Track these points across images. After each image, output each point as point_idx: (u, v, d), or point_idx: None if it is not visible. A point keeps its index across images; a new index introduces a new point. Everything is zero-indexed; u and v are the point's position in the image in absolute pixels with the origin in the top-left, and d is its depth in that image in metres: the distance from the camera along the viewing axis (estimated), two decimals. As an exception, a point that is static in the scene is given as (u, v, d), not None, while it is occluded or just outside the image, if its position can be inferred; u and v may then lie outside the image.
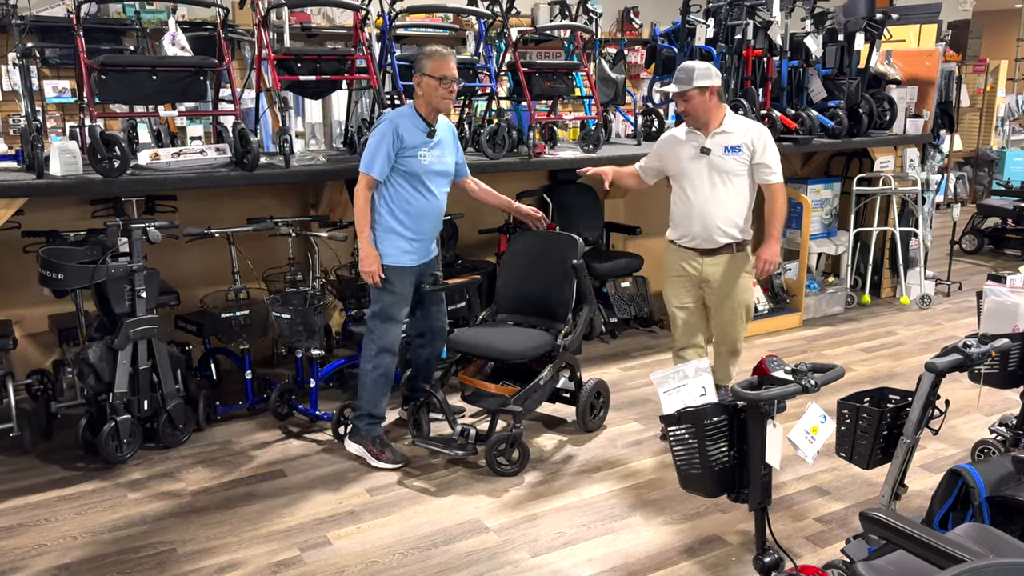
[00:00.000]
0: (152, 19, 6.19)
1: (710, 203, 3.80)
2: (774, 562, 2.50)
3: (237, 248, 4.36)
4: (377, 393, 3.81)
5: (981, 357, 2.67)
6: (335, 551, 3.14)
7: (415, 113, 3.70)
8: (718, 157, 3.77)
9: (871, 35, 5.92)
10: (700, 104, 3.72)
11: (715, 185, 3.79)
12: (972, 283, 6.99)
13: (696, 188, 3.82)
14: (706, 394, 2.55)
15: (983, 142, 11.30)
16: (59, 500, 3.50)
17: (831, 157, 6.72)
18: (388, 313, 3.75)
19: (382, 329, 3.76)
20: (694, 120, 3.77)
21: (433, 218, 3.81)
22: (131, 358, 3.73)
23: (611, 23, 9.15)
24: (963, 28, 10.57)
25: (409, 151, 3.64)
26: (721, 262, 3.84)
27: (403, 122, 3.64)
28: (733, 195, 3.80)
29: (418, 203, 3.71)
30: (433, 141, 3.71)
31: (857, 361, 5.23)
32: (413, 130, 3.66)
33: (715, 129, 3.78)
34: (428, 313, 4.01)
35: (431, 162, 3.71)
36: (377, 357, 3.77)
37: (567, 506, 3.46)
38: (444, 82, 3.60)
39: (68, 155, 3.84)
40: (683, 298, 3.97)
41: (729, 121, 3.79)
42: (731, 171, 3.78)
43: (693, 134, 3.83)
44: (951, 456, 3.89)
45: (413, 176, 3.67)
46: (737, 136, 3.77)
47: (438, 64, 3.58)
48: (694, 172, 3.82)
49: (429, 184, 3.72)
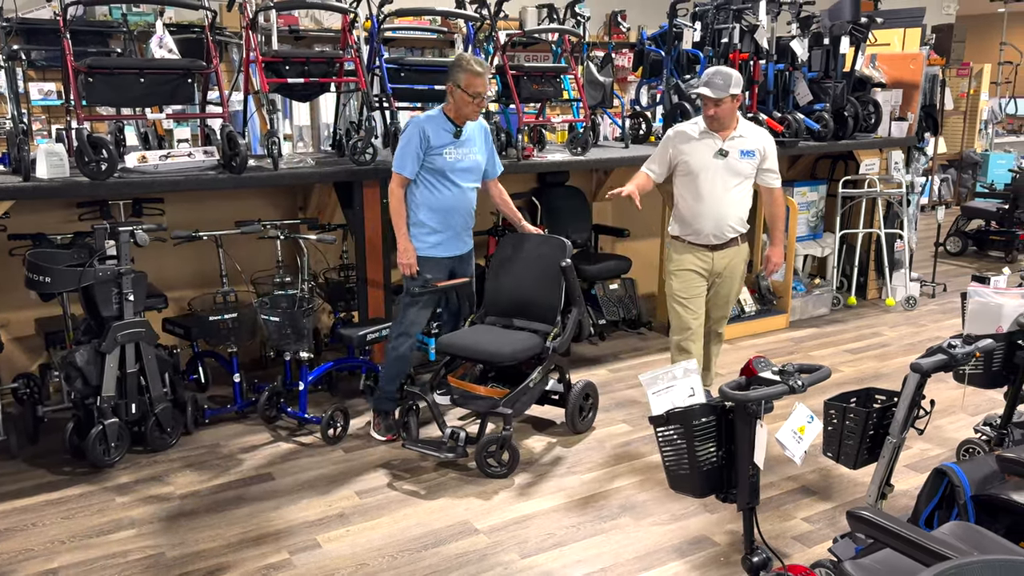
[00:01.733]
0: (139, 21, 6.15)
1: (723, 203, 3.94)
2: (762, 562, 2.51)
3: (225, 251, 4.35)
4: (391, 372, 4.06)
5: (965, 358, 2.70)
6: (325, 554, 3.14)
7: (443, 116, 3.89)
8: (735, 160, 3.91)
9: (856, 39, 5.97)
10: (729, 110, 3.85)
11: (728, 186, 3.93)
12: (956, 284, 7.05)
13: (711, 187, 3.93)
14: (694, 395, 2.57)
15: (967, 145, 11.40)
16: (46, 504, 3.48)
17: (817, 160, 6.77)
18: (412, 298, 3.98)
19: (405, 312, 4.02)
20: (719, 124, 3.88)
21: (461, 212, 3.99)
22: (119, 361, 3.71)
23: (599, 26, 9.18)
24: (947, 32, 10.67)
25: (435, 150, 3.85)
26: (729, 254, 4.05)
27: (430, 124, 3.85)
28: (743, 196, 4.00)
29: (445, 197, 3.91)
30: (460, 140, 3.90)
31: (843, 362, 5.27)
32: (439, 131, 3.86)
33: (732, 133, 3.91)
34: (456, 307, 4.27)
35: (457, 159, 3.90)
36: (397, 338, 4.03)
37: (556, 507, 3.47)
38: (476, 99, 3.81)
39: (55, 158, 3.82)
40: (692, 290, 4.08)
41: (743, 126, 3.96)
42: (744, 173, 3.95)
43: (708, 135, 3.92)
44: (936, 456, 3.93)
45: (439, 172, 3.88)
46: (751, 141, 3.93)
47: (472, 81, 3.76)
48: (710, 172, 3.92)
49: (455, 179, 3.91)
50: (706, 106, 3.87)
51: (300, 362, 4.14)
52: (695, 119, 4.06)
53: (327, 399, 4.55)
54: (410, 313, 4.01)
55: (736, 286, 4.19)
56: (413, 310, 4.00)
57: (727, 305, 4.23)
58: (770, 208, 4.12)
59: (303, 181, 4.50)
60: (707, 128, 3.92)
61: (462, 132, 3.90)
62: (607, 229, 5.97)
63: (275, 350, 4.32)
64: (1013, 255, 8.14)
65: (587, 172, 5.95)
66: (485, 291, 4.24)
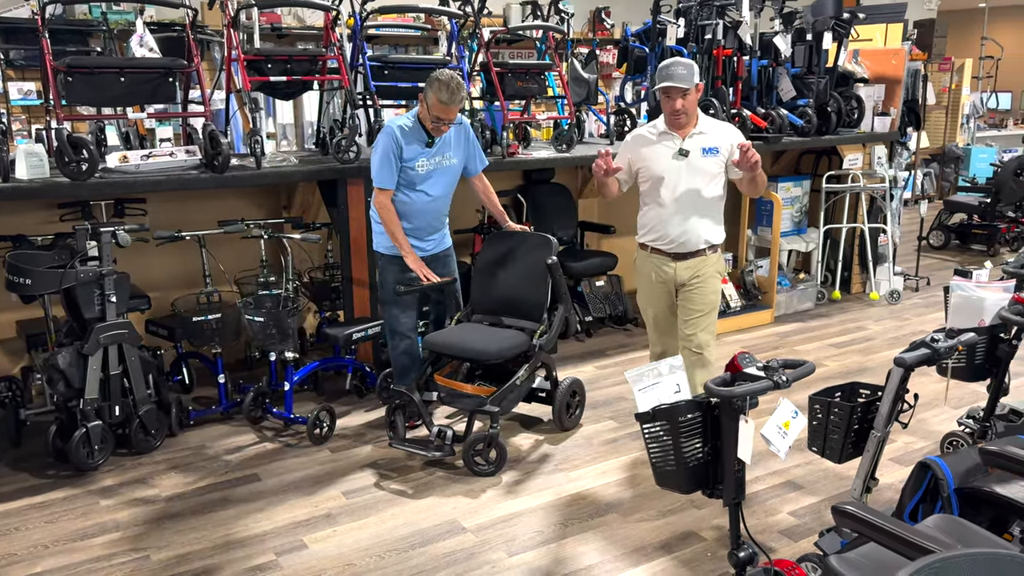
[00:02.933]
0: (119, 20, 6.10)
1: (689, 207, 3.64)
2: (748, 556, 2.52)
3: (208, 251, 4.32)
4: (402, 369, 4.10)
5: (948, 351, 2.71)
6: (311, 554, 3.12)
7: (418, 123, 3.86)
8: (697, 159, 3.61)
9: (839, 34, 6.00)
10: (694, 102, 3.58)
11: (693, 188, 3.63)
12: (939, 278, 7.11)
13: (674, 192, 3.63)
14: (680, 391, 2.57)
15: (949, 139, 11.48)
16: (29, 508, 3.44)
17: (800, 155, 6.80)
18: (388, 298, 4.01)
19: (387, 313, 4.07)
20: (686, 119, 3.59)
21: (430, 214, 3.99)
22: (101, 363, 3.68)
23: (583, 23, 9.18)
24: (928, 27, 10.74)
25: (407, 162, 3.84)
26: (695, 265, 3.70)
27: (405, 135, 3.82)
28: (711, 198, 3.67)
29: (412, 203, 3.92)
30: (432, 150, 3.89)
31: (828, 356, 5.30)
32: (412, 142, 3.84)
33: (692, 130, 3.63)
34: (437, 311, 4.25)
35: (429, 170, 3.90)
36: (394, 339, 4.09)
37: (544, 505, 3.47)
38: (437, 123, 3.79)
39: (34, 158, 3.78)
40: (657, 303, 3.83)
41: (704, 122, 3.67)
42: (709, 172, 3.63)
43: (667, 135, 3.64)
44: (920, 449, 3.96)
45: (408, 183, 3.88)
46: (712, 137, 3.63)
47: (438, 107, 3.73)
48: (671, 175, 3.63)
49: (424, 188, 3.92)
50: (671, 100, 3.53)
51: (285, 362, 4.12)
52: (653, 121, 3.76)
53: (313, 399, 4.53)
54: (393, 312, 4.02)
55: (705, 299, 3.72)
56: (395, 310, 4.01)
57: (698, 322, 3.73)
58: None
59: (287, 180, 4.47)
60: (667, 128, 3.64)
61: (434, 142, 3.88)
62: (593, 226, 5.98)
63: (260, 350, 4.30)
64: (995, 249, 8.21)
65: (572, 169, 5.94)
66: (471, 289, 4.23)
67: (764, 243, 6.25)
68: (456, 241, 5.48)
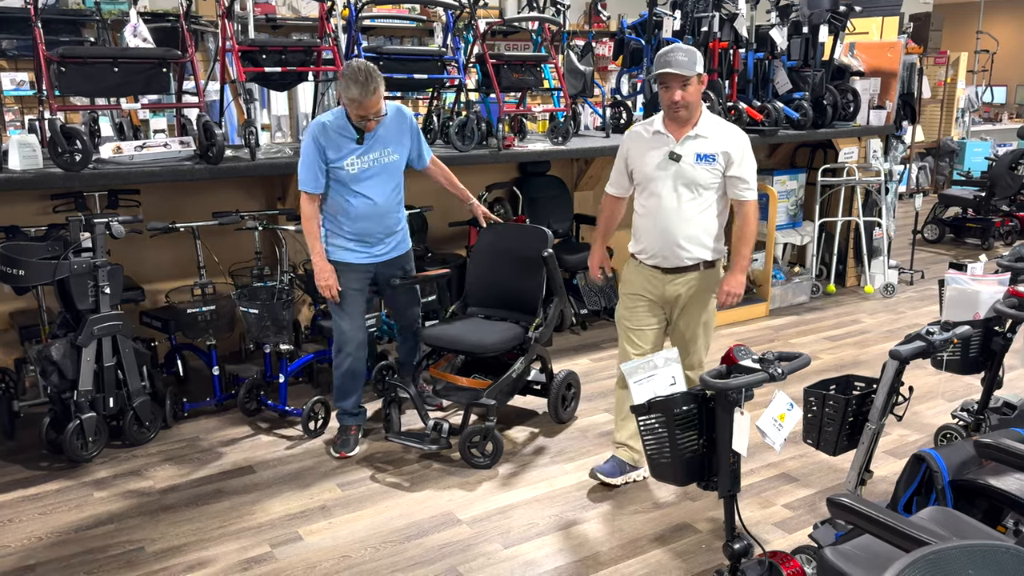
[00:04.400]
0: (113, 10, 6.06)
1: (675, 218, 3.25)
2: (743, 548, 2.53)
3: (202, 242, 4.30)
4: (341, 390, 3.82)
5: (943, 344, 2.72)
6: (306, 546, 3.12)
7: (345, 119, 3.52)
8: (688, 166, 3.20)
9: (835, 27, 5.99)
10: (696, 95, 3.18)
11: (681, 198, 3.24)
12: (934, 271, 7.12)
13: (660, 199, 3.27)
14: (675, 383, 2.58)
15: (944, 133, 11.49)
16: (23, 500, 3.43)
17: (796, 148, 6.80)
18: (341, 307, 3.72)
19: (335, 325, 3.77)
20: (686, 113, 3.19)
21: (375, 218, 3.66)
22: (95, 355, 3.66)
23: (579, 15, 9.16)
24: (924, 21, 10.74)
25: (335, 162, 3.52)
26: (686, 282, 3.33)
27: (326, 134, 3.50)
28: (702, 210, 3.26)
29: (355, 208, 3.61)
30: (364, 147, 3.55)
31: (823, 349, 5.31)
32: (338, 139, 3.51)
33: (689, 132, 3.22)
34: (396, 311, 4.03)
35: (362, 169, 3.56)
36: (338, 356, 3.78)
37: (539, 497, 3.48)
38: (363, 120, 3.46)
39: (27, 149, 3.76)
40: (637, 319, 3.42)
41: (705, 123, 3.23)
42: (701, 183, 3.22)
43: (661, 136, 3.26)
44: (915, 442, 3.97)
45: (341, 184, 3.58)
46: (712, 143, 3.21)
47: (356, 107, 3.41)
48: (659, 181, 3.26)
49: (361, 190, 3.59)
50: (670, 90, 3.14)
51: (280, 354, 4.11)
52: (651, 118, 3.37)
53: (308, 391, 4.53)
54: (341, 327, 3.74)
55: (698, 320, 3.39)
56: (344, 323, 3.73)
57: (690, 344, 3.41)
58: (737, 224, 3.33)
59: (281, 171, 4.45)
60: (662, 126, 3.26)
61: (366, 136, 3.53)
62: (588, 219, 5.97)
63: (254, 342, 4.28)
64: (989, 242, 8.23)
65: (568, 161, 5.94)
66: (466, 282, 4.22)
67: (759, 236, 6.23)
68: (451, 234, 5.52)
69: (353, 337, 3.75)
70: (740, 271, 3.33)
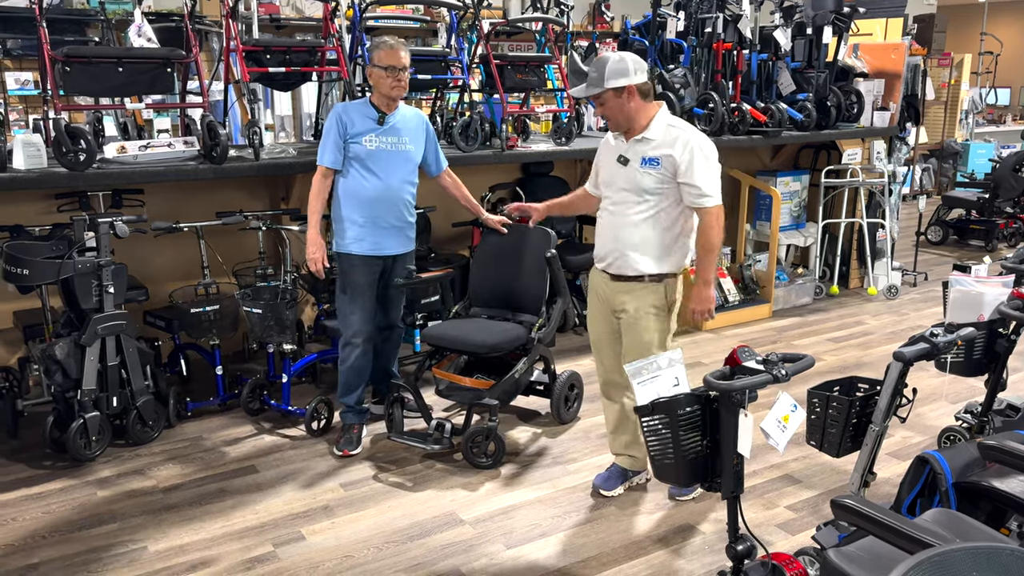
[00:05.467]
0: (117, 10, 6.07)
1: (622, 223, 3.19)
2: (746, 550, 2.53)
3: (206, 242, 4.31)
4: (344, 386, 3.88)
5: (947, 346, 2.72)
6: (309, 546, 3.12)
7: (367, 103, 3.74)
8: (634, 169, 3.13)
9: (839, 29, 5.99)
10: (616, 107, 3.10)
11: (627, 202, 3.17)
12: (938, 273, 7.11)
13: (611, 203, 3.25)
14: (679, 384, 2.57)
15: (948, 135, 11.48)
16: (26, 499, 3.44)
17: (800, 149, 6.79)
18: (349, 300, 3.79)
19: (342, 318, 3.84)
20: (614, 125, 3.19)
21: (385, 204, 3.73)
22: (99, 354, 3.67)
23: (582, 16, 9.16)
24: (928, 22, 10.73)
25: (354, 137, 3.67)
26: (627, 292, 3.23)
27: (351, 111, 3.70)
28: (647, 217, 3.14)
29: (366, 188, 3.70)
30: (383, 128, 3.71)
31: (826, 351, 5.30)
32: (361, 118, 3.69)
33: (637, 135, 3.15)
34: (382, 307, 3.97)
35: (378, 147, 3.70)
36: (344, 348, 3.85)
37: (542, 498, 3.48)
38: (391, 71, 3.61)
39: (32, 148, 3.77)
40: (597, 324, 3.41)
41: (655, 126, 3.12)
42: (646, 188, 3.11)
43: (619, 140, 3.24)
44: (918, 443, 3.96)
45: (358, 160, 3.69)
46: (656, 146, 3.10)
47: (385, 54, 3.60)
48: (611, 184, 3.24)
49: (374, 168, 3.70)
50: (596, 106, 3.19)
51: (283, 354, 4.12)
52: None
53: (311, 391, 4.53)
54: (349, 319, 3.78)
55: (636, 338, 3.20)
56: (353, 316, 3.78)
57: (628, 356, 3.17)
58: (697, 232, 3.20)
59: (285, 172, 4.47)
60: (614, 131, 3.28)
61: (386, 119, 3.71)
62: (591, 220, 5.95)
63: (258, 342, 4.29)
64: (993, 244, 8.22)
65: (571, 162, 5.94)
66: (470, 282, 4.22)
67: (763, 237, 6.25)
68: (454, 234, 5.52)
69: (362, 330, 3.81)
70: (703, 283, 3.20)
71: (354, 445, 3.83)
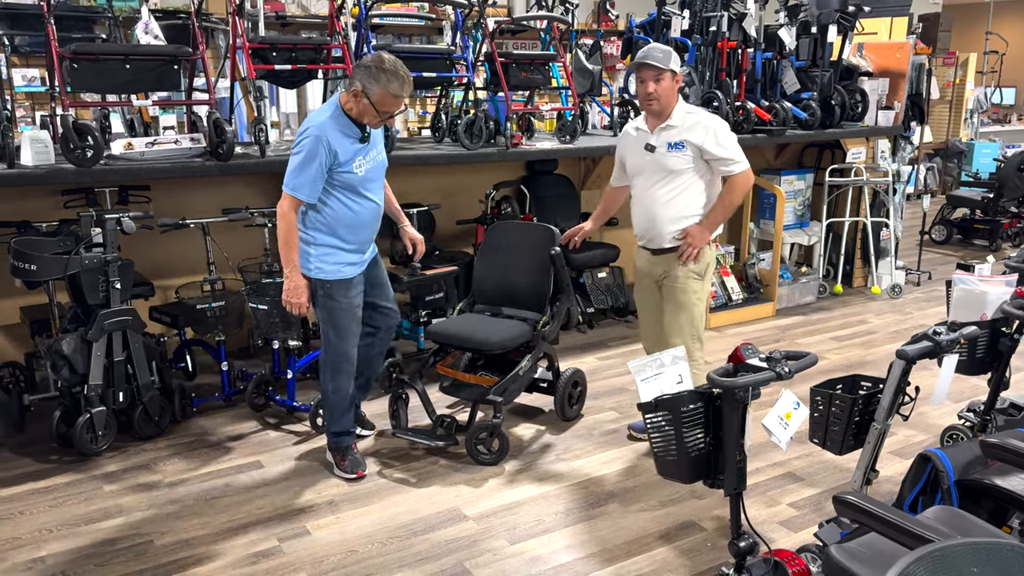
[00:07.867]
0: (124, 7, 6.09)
1: (655, 203, 3.62)
2: (749, 547, 2.54)
3: (212, 239, 4.33)
4: (337, 412, 3.60)
5: (950, 344, 2.72)
6: (314, 541, 3.14)
7: (346, 118, 3.27)
8: (662, 155, 3.57)
9: (843, 27, 5.99)
10: (668, 90, 3.50)
11: (659, 184, 3.60)
12: (941, 272, 7.11)
13: (643, 187, 3.67)
14: (682, 382, 2.59)
15: (952, 134, 11.46)
16: (33, 493, 3.46)
17: (804, 148, 6.79)
18: (340, 328, 3.45)
19: (333, 348, 3.48)
20: (658, 106, 3.52)
21: (373, 223, 3.48)
22: (106, 350, 3.69)
23: (587, 14, 9.17)
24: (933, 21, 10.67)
25: (344, 166, 3.25)
26: (666, 261, 3.67)
27: (332, 135, 3.20)
28: (679, 192, 3.58)
29: (360, 213, 3.37)
30: (366, 146, 3.34)
31: (829, 349, 5.31)
32: (344, 140, 3.25)
33: (663, 123, 3.57)
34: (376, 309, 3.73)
35: (367, 170, 3.34)
36: (335, 380, 3.52)
37: (545, 494, 3.49)
38: (383, 114, 3.25)
39: (39, 144, 3.79)
40: (644, 299, 3.86)
41: (677, 114, 3.56)
42: (674, 169, 3.56)
43: (642, 131, 3.66)
44: (921, 441, 3.97)
45: (348, 188, 3.31)
46: (680, 131, 3.54)
47: (392, 100, 3.22)
48: (641, 171, 3.66)
49: (366, 192, 3.37)
50: (644, 83, 3.48)
51: (288, 350, 4.13)
52: (638, 117, 3.78)
53: (315, 387, 4.53)
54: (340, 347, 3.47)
55: (677, 302, 3.65)
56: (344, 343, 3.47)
57: (671, 324, 3.67)
58: (724, 190, 3.62)
59: (291, 169, 4.47)
60: (643, 124, 3.66)
61: (368, 136, 3.33)
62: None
63: (263, 338, 4.31)
64: (997, 243, 8.21)
65: (575, 160, 5.95)
66: (474, 279, 4.24)
67: (766, 236, 6.25)
68: (459, 232, 5.54)
69: (354, 356, 3.54)
70: (706, 227, 3.61)
71: (362, 463, 3.63)
